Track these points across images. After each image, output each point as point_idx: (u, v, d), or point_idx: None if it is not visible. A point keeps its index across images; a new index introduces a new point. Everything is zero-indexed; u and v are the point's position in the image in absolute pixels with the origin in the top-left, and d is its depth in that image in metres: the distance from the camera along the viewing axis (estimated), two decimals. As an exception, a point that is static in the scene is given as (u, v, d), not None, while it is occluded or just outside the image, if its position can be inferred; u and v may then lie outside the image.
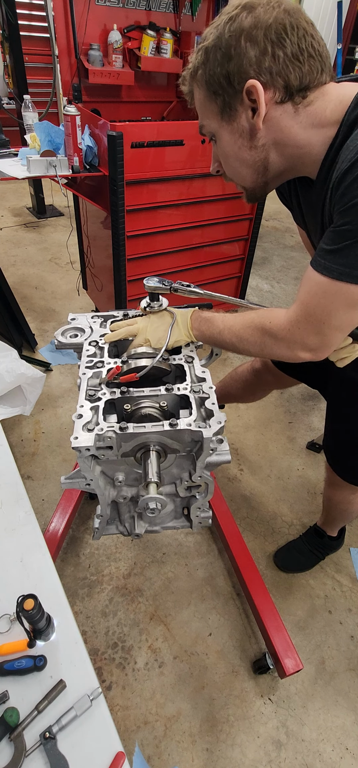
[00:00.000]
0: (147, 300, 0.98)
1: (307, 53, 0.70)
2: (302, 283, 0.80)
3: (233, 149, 0.80)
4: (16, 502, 0.92)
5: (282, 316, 0.83)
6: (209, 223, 2.33)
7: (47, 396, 2.26)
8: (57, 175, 1.82)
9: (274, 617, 1.33)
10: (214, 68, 0.73)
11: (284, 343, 0.83)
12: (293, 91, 0.71)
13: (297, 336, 0.81)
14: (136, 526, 1.03)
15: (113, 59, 2.17)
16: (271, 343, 0.85)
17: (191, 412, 0.82)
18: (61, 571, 1.55)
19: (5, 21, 2.98)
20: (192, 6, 2.29)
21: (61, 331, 1.01)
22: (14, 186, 4.83)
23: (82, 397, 0.83)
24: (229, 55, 0.71)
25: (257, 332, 0.87)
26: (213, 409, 0.81)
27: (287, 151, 0.78)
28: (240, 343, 0.90)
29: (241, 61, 0.70)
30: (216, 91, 0.75)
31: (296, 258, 4.01)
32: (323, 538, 1.58)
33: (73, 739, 0.62)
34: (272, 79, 0.70)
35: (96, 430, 0.77)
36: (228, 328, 0.91)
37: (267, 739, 1.25)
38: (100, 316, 1.06)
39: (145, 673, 1.34)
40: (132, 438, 0.80)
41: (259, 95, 0.70)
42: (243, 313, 0.92)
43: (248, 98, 0.72)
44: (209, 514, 1.02)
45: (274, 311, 0.85)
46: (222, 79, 0.73)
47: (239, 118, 0.76)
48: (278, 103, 0.73)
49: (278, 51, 0.69)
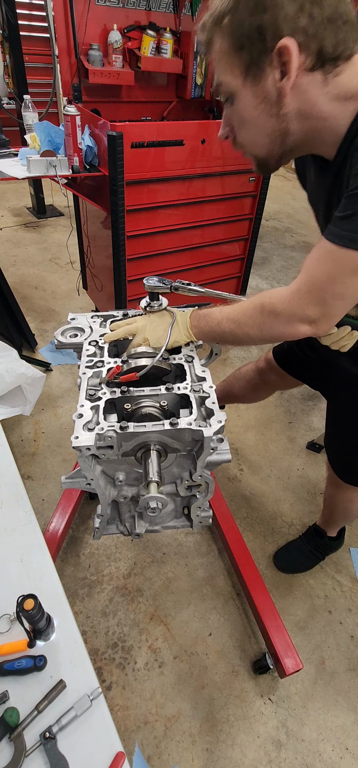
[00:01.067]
0: (147, 299, 0.98)
1: (343, 18, 0.64)
2: (309, 253, 0.77)
3: (252, 114, 0.74)
4: (16, 502, 0.92)
5: (283, 290, 0.80)
6: (209, 223, 2.33)
7: (47, 396, 2.26)
8: (57, 175, 1.82)
9: (274, 617, 1.33)
10: (244, 17, 0.65)
11: (284, 317, 0.79)
12: (326, 59, 0.66)
13: (297, 307, 0.77)
14: (136, 525, 1.03)
15: (113, 59, 2.17)
16: (270, 321, 0.82)
17: (191, 412, 0.82)
18: (61, 571, 1.55)
19: (5, 21, 2.98)
20: (192, 6, 2.29)
21: (60, 330, 1.01)
22: (14, 186, 4.83)
23: (82, 396, 0.83)
24: (263, 6, 0.63)
25: (255, 312, 0.84)
26: (213, 408, 0.81)
27: (309, 123, 0.73)
28: (239, 328, 0.87)
29: (276, 15, 0.63)
30: (243, 44, 0.67)
31: (296, 258, 4.01)
32: (323, 538, 1.58)
33: (73, 739, 0.62)
34: (306, 41, 0.64)
35: (96, 430, 0.77)
36: (226, 317, 0.89)
37: (267, 739, 1.25)
38: (100, 316, 1.06)
39: (145, 673, 1.34)
40: (132, 437, 0.80)
41: (292, 57, 0.64)
42: (241, 302, 0.91)
43: (277, 59, 0.66)
44: (209, 513, 1.02)
45: (274, 290, 0.83)
46: (253, 31, 0.65)
47: (265, 80, 0.69)
48: (308, 71, 0.67)
49: (315, 10, 0.62)
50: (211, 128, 2.02)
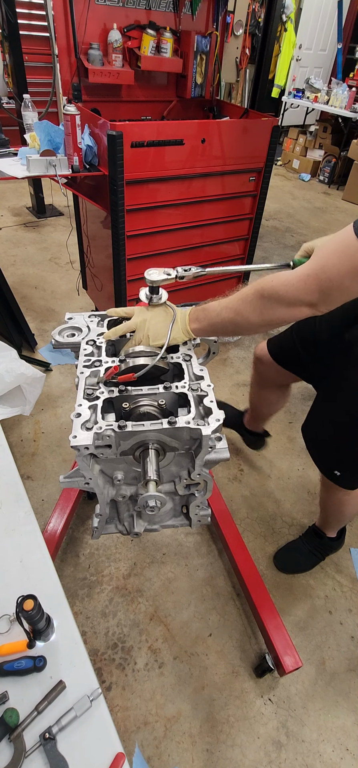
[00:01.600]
0: (147, 292, 0.97)
1: None
2: (330, 238, 0.77)
3: None
4: (15, 502, 0.92)
5: (289, 275, 0.81)
6: (209, 223, 2.33)
7: (47, 396, 2.26)
8: (57, 174, 1.82)
9: (273, 616, 1.33)
10: None
11: (287, 300, 0.81)
12: None
13: (303, 292, 0.79)
14: (135, 524, 1.02)
15: (113, 58, 2.17)
16: (272, 305, 0.83)
17: (189, 410, 0.82)
18: (61, 572, 1.55)
19: (5, 20, 2.98)
20: (192, 5, 2.29)
21: (58, 330, 1.00)
22: (14, 185, 4.83)
23: (80, 396, 0.83)
24: None
25: (255, 298, 0.85)
26: (211, 406, 0.81)
27: None
28: (239, 316, 0.88)
29: None
30: None
31: (296, 258, 4.00)
32: (323, 539, 1.58)
33: (72, 740, 0.62)
34: None
35: (95, 429, 0.77)
36: (225, 306, 0.90)
37: (267, 740, 1.25)
38: (97, 315, 1.05)
39: (145, 674, 1.34)
40: (131, 436, 0.79)
41: None
42: (240, 290, 0.91)
43: None
44: (208, 512, 1.02)
45: (275, 275, 0.84)
46: None
47: None
48: None
49: None
50: (211, 128, 2.02)
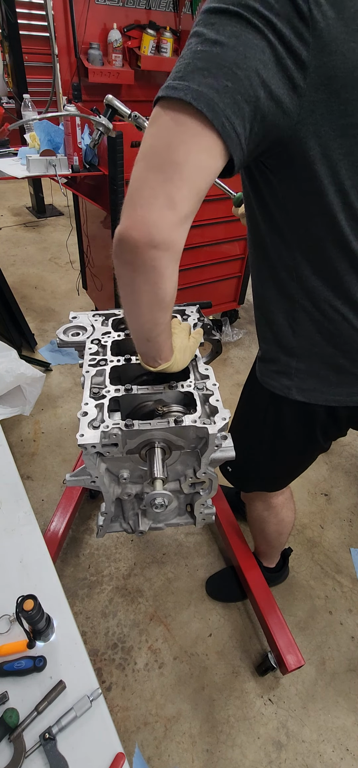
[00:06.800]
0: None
1: None
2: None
3: None
4: (15, 502, 0.92)
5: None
6: (209, 223, 2.33)
7: (47, 396, 2.25)
8: (57, 174, 1.82)
9: (276, 614, 1.33)
10: None
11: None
12: None
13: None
14: (140, 523, 1.03)
15: (113, 58, 2.17)
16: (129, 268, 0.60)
17: (195, 409, 0.82)
18: (61, 572, 1.55)
19: (5, 20, 2.98)
20: (192, 5, 2.29)
21: (62, 329, 1.01)
22: (14, 185, 4.83)
23: (86, 394, 0.83)
24: None
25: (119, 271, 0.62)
26: (217, 405, 0.81)
27: None
28: (126, 315, 0.69)
29: None
30: None
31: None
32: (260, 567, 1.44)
33: (72, 740, 0.62)
34: None
35: (102, 428, 0.77)
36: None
37: (267, 740, 1.25)
38: (102, 315, 1.05)
39: (145, 674, 1.34)
40: (137, 435, 0.80)
41: None
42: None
43: None
44: (212, 510, 1.03)
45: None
46: None
47: None
48: None
49: None
50: (211, 127, 2.02)
